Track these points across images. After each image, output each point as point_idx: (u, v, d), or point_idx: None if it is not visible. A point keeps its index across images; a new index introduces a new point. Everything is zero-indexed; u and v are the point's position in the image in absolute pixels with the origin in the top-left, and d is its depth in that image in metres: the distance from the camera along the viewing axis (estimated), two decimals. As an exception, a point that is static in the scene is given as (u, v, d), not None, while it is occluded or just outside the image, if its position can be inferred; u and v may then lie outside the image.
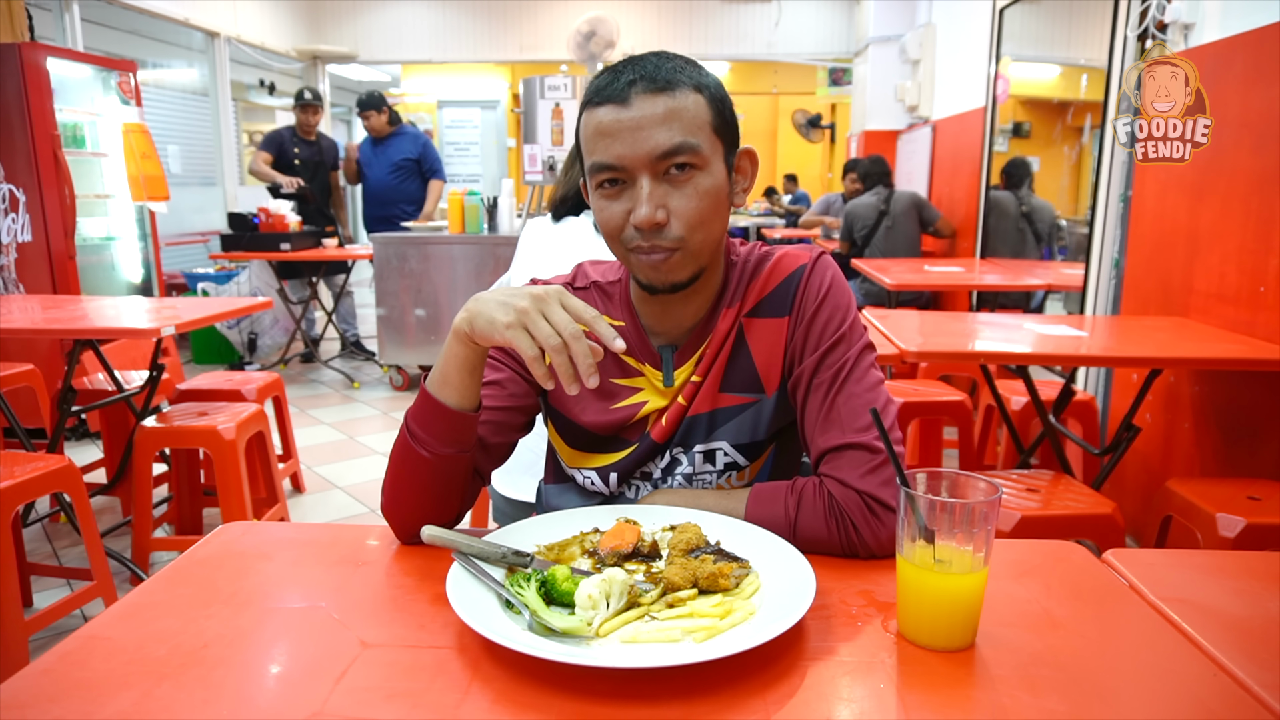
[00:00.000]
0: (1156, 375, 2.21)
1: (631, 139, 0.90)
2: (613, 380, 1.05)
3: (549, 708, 0.65)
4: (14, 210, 3.67)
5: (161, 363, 2.63)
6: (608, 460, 1.06)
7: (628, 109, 0.90)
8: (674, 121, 0.91)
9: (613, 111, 0.91)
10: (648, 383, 1.04)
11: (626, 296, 1.06)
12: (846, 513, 0.91)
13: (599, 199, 0.96)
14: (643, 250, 0.94)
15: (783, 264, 1.03)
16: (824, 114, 9.80)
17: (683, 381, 1.03)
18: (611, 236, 0.96)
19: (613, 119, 0.91)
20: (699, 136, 0.92)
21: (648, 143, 0.90)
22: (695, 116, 0.92)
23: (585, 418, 1.05)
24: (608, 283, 1.09)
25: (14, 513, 1.98)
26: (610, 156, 0.92)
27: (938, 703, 0.66)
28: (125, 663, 0.70)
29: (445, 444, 0.92)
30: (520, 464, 1.73)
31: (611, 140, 0.91)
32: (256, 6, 6.71)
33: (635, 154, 0.91)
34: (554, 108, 4.72)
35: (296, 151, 5.37)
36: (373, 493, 3.37)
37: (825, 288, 1.00)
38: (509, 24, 7.81)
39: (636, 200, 0.92)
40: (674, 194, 0.92)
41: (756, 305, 1.02)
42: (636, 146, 0.90)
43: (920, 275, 3.84)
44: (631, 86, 0.91)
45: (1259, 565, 0.92)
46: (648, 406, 1.03)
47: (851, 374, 0.97)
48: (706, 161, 0.93)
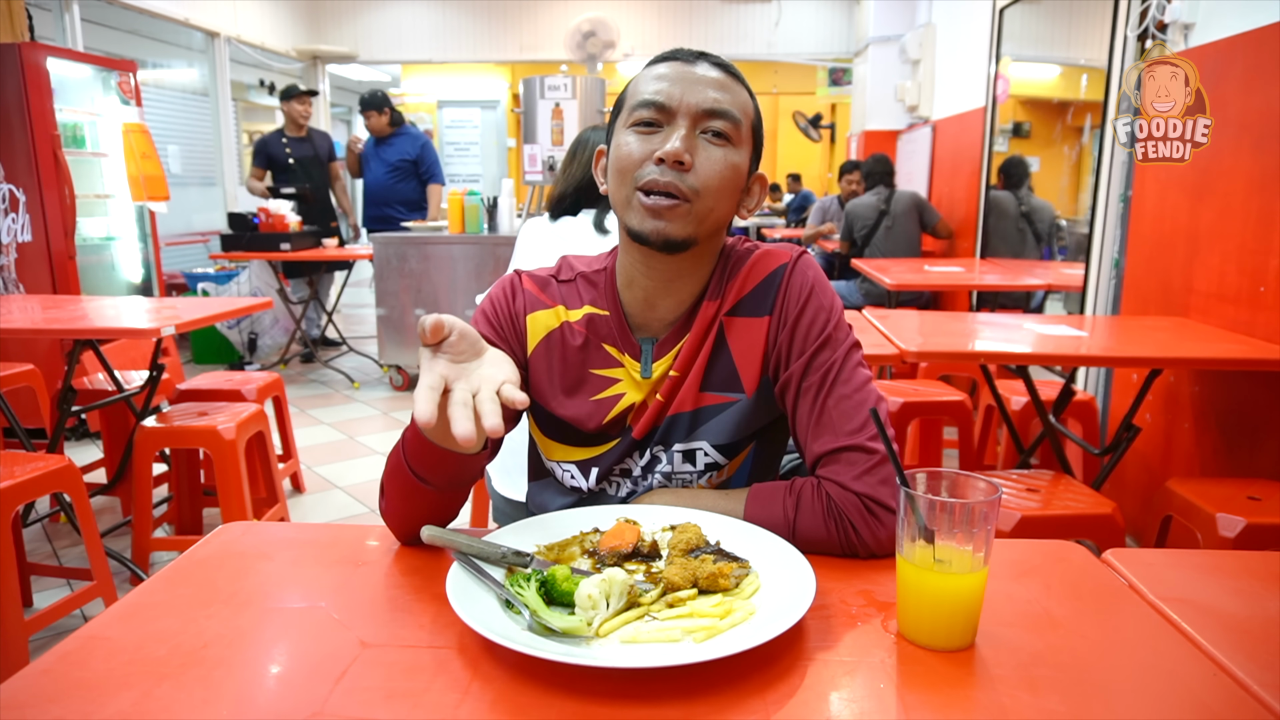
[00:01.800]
0: (1156, 375, 2.21)
1: (687, 86, 0.96)
2: (592, 370, 1.04)
3: (549, 708, 0.65)
4: (14, 210, 3.67)
5: (161, 363, 2.62)
6: (587, 454, 1.06)
7: (691, 67, 0.98)
8: (727, 92, 0.97)
9: (676, 66, 0.98)
10: (626, 374, 1.04)
11: (612, 285, 1.06)
12: (845, 514, 0.91)
13: (626, 135, 0.97)
14: (653, 188, 0.94)
15: (763, 263, 1.02)
16: (824, 114, 9.80)
17: (660, 375, 1.02)
18: (624, 171, 0.96)
19: (673, 69, 0.97)
20: (743, 118, 0.98)
21: (700, 94, 0.95)
22: (744, 105, 0.99)
23: (563, 410, 1.05)
24: (593, 272, 1.08)
25: (14, 513, 1.98)
26: (660, 95, 0.96)
27: (938, 703, 0.66)
28: (125, 663, 0.70)
29: (450, 483, 0.91)
30: (520, 464, 1.73)
31: (667, 84, 0.96)
32: (256, 6, 6.71)
33: (685, 98, 0.95)
34: (554, 108, 4.71)
35: (289, 152, 5.32)
36: (373, 493, 3.37)
37: (808, 289, 1.00)
38: (509, 24, 7.80)
39: (670, 138, 0.95)
40: (703, 151, 0.96)
41: (736, 304, 1.02)
42: (689, 93, 0.95)
43: (920, 275, 3.84)
44: (700, 57, 0.99)
45: (1259, 565, 0.92)
46: (625, 399, 1.03)
47: (840, 375, 0.96)
48: (740, 142, 0.98)
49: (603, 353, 1.04)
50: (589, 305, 1.06)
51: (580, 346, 1.04)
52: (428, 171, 5.40)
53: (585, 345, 1.04)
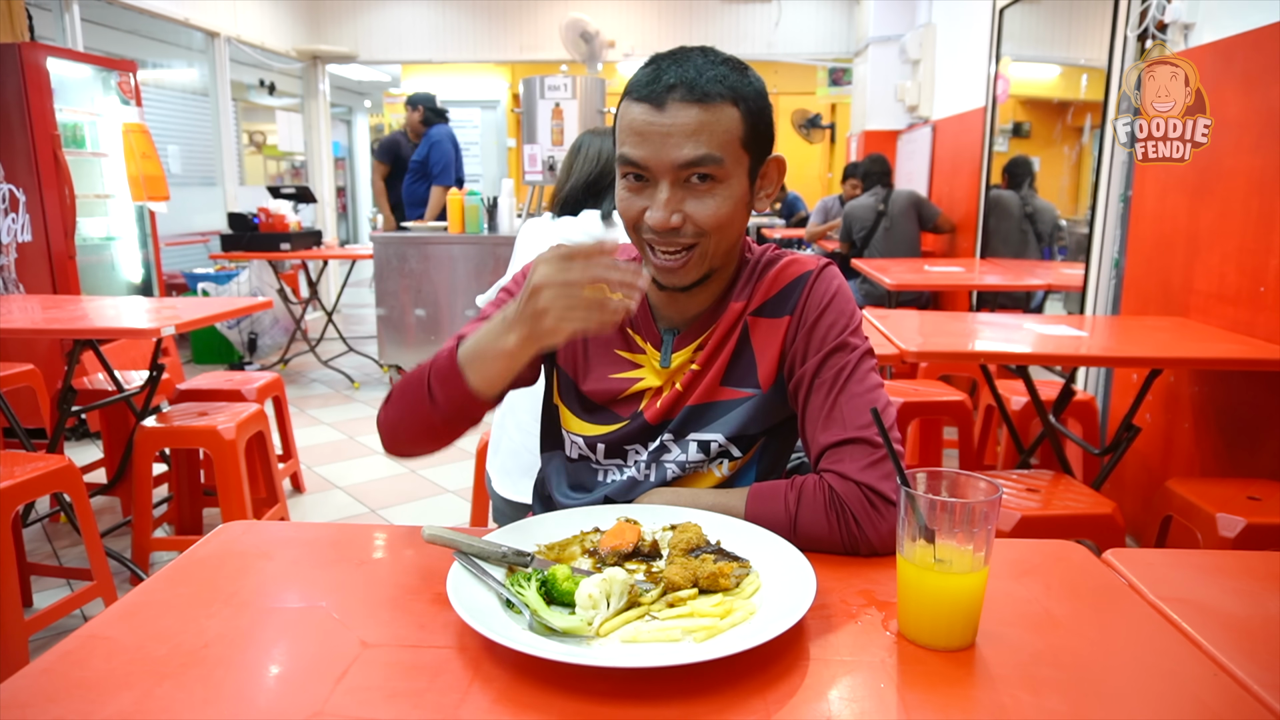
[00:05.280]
0: (1156, 375, 2.21)
1: (659, 144, 0.94)
2: (616, 351, 1.08)
3: (549, 707, 0.65)
4: (14, 210, 3.67)
5: (161, 363, 2.62)
6: (596, 431, 1.09)
7: (661, 114, 0.93)
8: (702, 134, 0.93)
9: (647, 112, 0.94)
10: (647, 361, 1.07)
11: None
12: (847, 505, 0.92)
13: (623, 188, 0.99)
14: (657, 246, 0.98)
15: (790, 269, 1.06)
16: (824, 114, 9.79)
17: (679, 366, 1.06)
18: (629, 226, 1.01)
19: (645, 120, 0.94)
20: (724, 151, 0.95)
21: (673, 151, 0.93)
22: (726, 131, 0.95)
23: (584, 383, 1.09)
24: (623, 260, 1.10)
25: (14, 513, 1.98)
26: (636, 155, 0.95)
27: (938, 703, 0.66)
28: (125, 663, 0.70)
29: (455, 412, 0.98)
30: (520, 465, 1.73)
31: (640, 140, 0.95)
32: (256, 6, 6.70)
33: (659, 159, 0.94)
34: (554, 108, 4.71)
35: (407, 154, 5.73)
36: (373, 493, 3.37)
37: (830, 295, 1.04)
38: (509, 24, 7.80)
39: (654, 202, 0.96)
40: (691, 200, 0.96)
41: (762, 305, 1.05)
42: (662, 153, 0.94)
43: (920, 275, 3.84)
44: (670, 92, 0.93)
45: (1259, 565, 0.92)
46: (642, 383, 1.07)
47: (853, 375, 0.99)
48: (728, 175, 0.96)
49: (627, 337, 1.08)
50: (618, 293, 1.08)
51: None
52: (432, 171, 5.47)
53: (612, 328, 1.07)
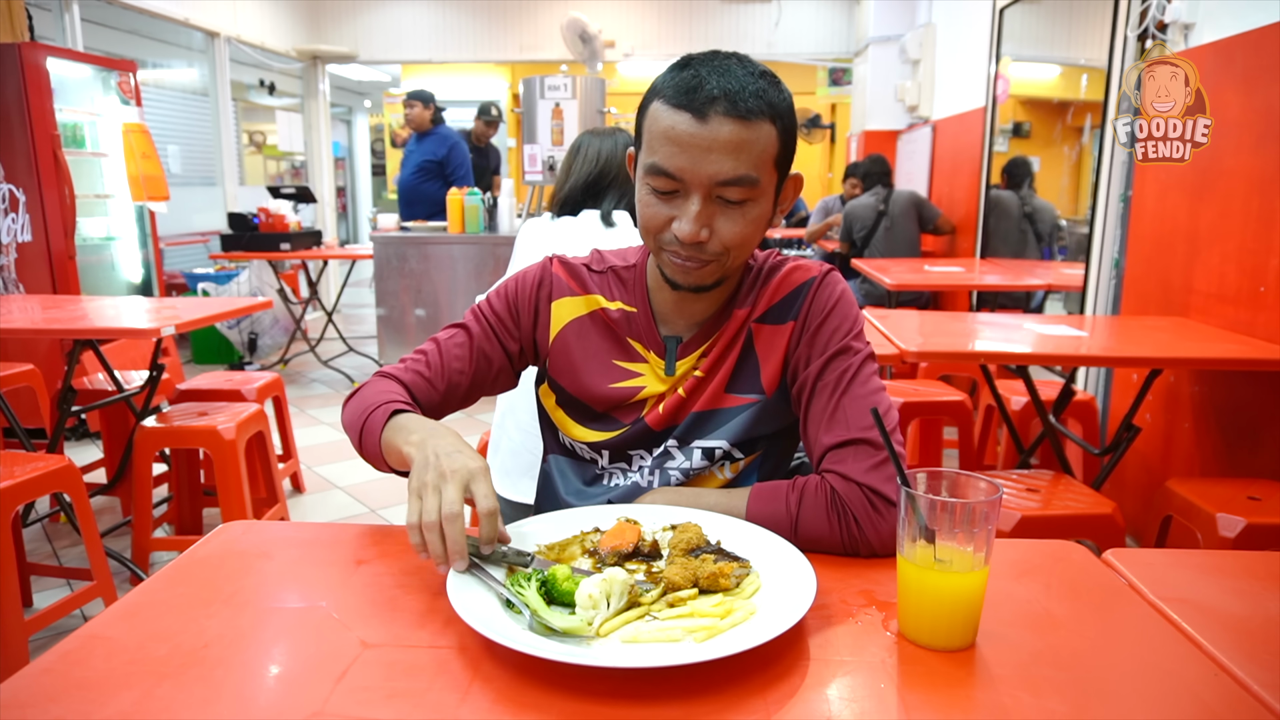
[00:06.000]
0: (1156, 375, 2.21)
1: (698, 157, 0.90)
2: (615, 361, 1.08)
3: (549, 708, 0.65)
4: (14, 210, 3.67)
5: (161, 363, 2.62)
6: (598, 437, 1.08)
7: (704, 126, 0.89)
8: (742, 153, 0.90)
9: (688, 123, 0.90)
10: (649, 369, 1.07)
11: (642, 282, 1.09)
12: (848, 506, 0.92)
13: (646, 193, 0.96)
14: (677, 255, 0.96)
15: (794, 275, 1.06)
16: (824, 114, 9.79)
17: (684, 373, 1.05)
18: (649, 232, 0.98)
19: (686, 131, 0.90)
20: (760, 171, 0.92)
21: (712, 166, 0.90)
22: (763, 150, 0.92)
23: (582, 392, 1.08)
24: (624, 267, 1.12)
25: (14, 513, 1.98)
26: (672, 166, 0.92)
27: (938, 703, 0.66)
28: (125, 663, 0.70)
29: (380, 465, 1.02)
30: (520, 465, 1.73)
31: (678, 151, 0.91)
32: (256, 6, 6.70)
33: (696, 173, 0.91)
34: (554, 108, 4.71)
35: (472, 159, 5.70)
36: (373, 493, 3.37)
37: (834, 300, 1.04)
38: (509, 24, 7.79)
39: (684, 214, 0.93)
40: (721, 217, 0.94)
41: (766, 312, 1.05)
42: (700, 166, 0.90)
43: (920, 275, 3.84)
44: (713, 104, 0.89)
45: (1259, 565, 0.92)
46: (646, 390, 1.06)
47: (856, 378, 0.99)
48: (760, 194, 0.94)
49: (628, 347, 1.08)
50: (620, 301, 1.09)
51: (609, 336, 1.08)
52: (453, 174, 5.32)
53: (613, 337, 1.08)
